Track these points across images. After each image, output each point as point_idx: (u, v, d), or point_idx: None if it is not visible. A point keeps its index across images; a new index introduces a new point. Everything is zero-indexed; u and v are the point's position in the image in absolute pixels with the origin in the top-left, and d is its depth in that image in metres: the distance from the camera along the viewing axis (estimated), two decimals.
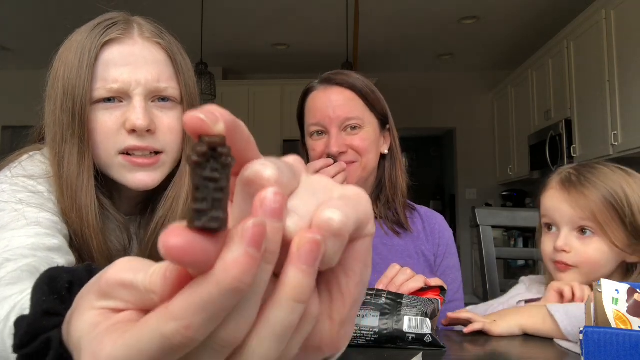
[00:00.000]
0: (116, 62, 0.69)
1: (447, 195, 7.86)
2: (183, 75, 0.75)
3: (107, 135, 0.69)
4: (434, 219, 1.14)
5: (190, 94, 0.75)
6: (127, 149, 0.70)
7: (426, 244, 1.09)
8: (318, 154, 1.03)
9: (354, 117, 1.01)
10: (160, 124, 0.71)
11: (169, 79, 0.73)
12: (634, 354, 0.57)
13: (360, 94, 1.03)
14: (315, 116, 1.03)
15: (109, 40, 0.71)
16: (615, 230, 0.86)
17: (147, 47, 0.73)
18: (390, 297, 0.76)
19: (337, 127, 1.01)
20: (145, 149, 0.70)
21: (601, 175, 0.89)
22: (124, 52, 0.71)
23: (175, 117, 0.72)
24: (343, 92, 1.03)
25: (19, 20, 4.43)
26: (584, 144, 3.73)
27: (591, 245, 0.87)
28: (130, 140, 0.69)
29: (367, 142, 1.02)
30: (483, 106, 5.97)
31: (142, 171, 0.71)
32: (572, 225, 0.89)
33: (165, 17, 0.89)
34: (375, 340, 0.72)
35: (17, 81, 5.79)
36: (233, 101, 5.51)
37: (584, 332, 0.58)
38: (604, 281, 0.65)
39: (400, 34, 4.80)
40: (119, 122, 0.69)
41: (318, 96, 1.04)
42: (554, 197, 0.92)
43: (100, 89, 0.69)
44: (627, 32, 3.14)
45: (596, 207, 0.86)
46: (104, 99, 0.69)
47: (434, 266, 1.09)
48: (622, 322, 0.62)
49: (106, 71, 0.69)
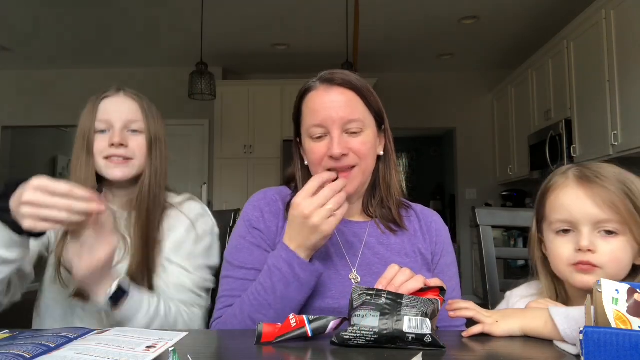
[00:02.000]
0: (107, 109, 1.16)
1: (447, 195, 7.86)
2: (148, 116, 1.19)
3: (101, 150, 1.15)
4: (430, 217, 1.13)
5: (153, 127, 1.20)
6: (109, 156, 1.14)
7: (423, 242, 1.08)
8: (319, 157, 1.00)
9: (356, 119, 0.99)
10: (131, 142, 1.16)
11: (139, 121, 1.18)
12: (634, 354, 0.57)
13: (361, 94, 1.02)
14: (316, 117, 1.00)
15: (105, 96, 1.19)
16: (637, 227, 0.83)
17: (127, 100, 1.19)
18: (390, 297, 0.76)
19: (339, 129, 0.99)
20: (119, 156, 1.14)
21: (610, 172, 0.87)
22: (112, 102, 1.18)
23: (141, 139, 1.17)
24: (345, 92, 1.01)
25: (19, 20, 4.43)
26: (584, 144, 3.73)
27: (615, 244, 0.84)
28: (112, 150, 1.14)
29: (368, 146, 1.01)
30: (483, 106, 5.97)
31: (118, 168, 1.14)
32: (595, 224, 0.85)
33: (165, 17, 0.89)
34: (375, 341, 0.72)
35: (17, 81, 5.80)
36: (233, 101, 5.51)
37: (584, 332, 0.58)
38: (604, 281, 0.65)
39: (400, 34, 4.80)
40: (107, 143, 1.15)
41: (319, 96, 1.01)
42: (572, 194, 0.87)
43: (99, 124, 1.16)
44: (627, 32, 3.14)
45: (620, 202, 0.83)
46: (101, 130, 1.16)
47: (431, 264, 1.08)
48: (622, 322, 0.62)
49: (102, 114, 1.16)
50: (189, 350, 0.70)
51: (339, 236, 1.05)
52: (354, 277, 1.01)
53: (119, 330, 0.84)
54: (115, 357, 0.67)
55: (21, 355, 0.67)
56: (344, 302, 0.97)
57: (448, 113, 6.00)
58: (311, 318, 0.76)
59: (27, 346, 0.70)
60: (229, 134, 5.50)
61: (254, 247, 1.03)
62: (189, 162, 5.77)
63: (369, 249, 1.05)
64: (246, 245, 1.03)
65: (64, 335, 0.78)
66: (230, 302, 1.00)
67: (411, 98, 5.95)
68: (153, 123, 1.20)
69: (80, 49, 5.16)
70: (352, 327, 0.74)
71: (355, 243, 1.05)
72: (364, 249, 1.05)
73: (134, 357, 0.68)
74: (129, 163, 1.15)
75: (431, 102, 5.97)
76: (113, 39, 4.94)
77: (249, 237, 1.04)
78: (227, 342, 0.84)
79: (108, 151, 1.13)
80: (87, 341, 0.75)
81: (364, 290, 0.78)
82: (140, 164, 1.16)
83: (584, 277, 0.85)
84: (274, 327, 0.76)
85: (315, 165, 1.02)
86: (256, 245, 1.03)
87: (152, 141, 1.17)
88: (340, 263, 1.02)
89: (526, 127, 4.83)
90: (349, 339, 0.73)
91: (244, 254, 1.03)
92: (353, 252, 1.04)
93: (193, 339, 0.81)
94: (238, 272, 1.02)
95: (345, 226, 1.06)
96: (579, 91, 3.80)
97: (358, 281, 1.01)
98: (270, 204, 1.07)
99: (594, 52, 3.52)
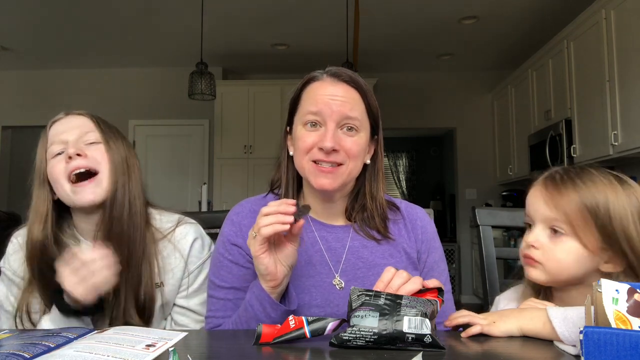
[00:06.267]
0: (58, 130, 1.09)
1: (447, 195, 7.86)
2: (104, 130, 1.10)
3: (62, 172, 1.04)
4: (415, 214, 1.11)
5: (109, 136, 1.10)
6: (70, 172, 1.03)
7: (407, 240, 1.07)
8: (309, 145, 0.97)
9: (354, 117, 0.98)
10: (89, 152, 1.06)
11: (93, 132, 1.09)
12: (634, 354, 0.57)
13: (364, 96, 1.01)
14: (315, 104, 0.98)
15: (54, 121, 1.12)
16: (588, 233, 0.84)
17: (77, 117, 1.11)
18: (389, 298, 0.76)
19: (335, 122, 0.97)
20: (80, 167, 1.04)
21: (587, 179, 0.87)
22: (63, 123, 1.10)
23: (99, 148, 1.08)
24: (349, 90, 1.00)
25: (19, 20, 4.43)
26: (584, 144, 3.73)
27: (560, 245, 0.87)
28: (72, 164, 1.03)
29: (359, 147, 0.99)
30: (483, 106, 5.97)
31: (86, 191, 1.03)
32: (545, 223, 0.89)
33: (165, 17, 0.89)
34: (374, 341, 0.72)
35: (17, 81, 5.79)
36: (233, 101, 5.51)
37: (584, 332, 0.58)
38: (604, 281, 0.65)
39: (400, 34, 4.79)
40: (65, 160, 1.05)
41: (323, 86, 1.00)
42: (533, 193, 0.93)
43: (53, 147, 1.07)
44: (627, 32, 3.14)
45: (569, 207, 0.85)
46: (57, 153, 1.06)
47: (417, 262, 1.07)
48: (622, 322, 0.62)
49: (54, 137, 1.08)
50: (188, 350, 0.71)
51: (321, 242, 1.03)
52: (337, 282, 1.00)
53: (118, 328, 0.84)
54: (115, 354, 0.67)
55: (21, 355, 0.67)
56: (330, 310, 0.97)
57: (448, 113, 5.99)
58: (310, 319, 0.76)
59: (27, 346, 0.70)
60: (229, 134, 5.50)
61: (232, 265, 1.01)
62: (189, 162, 5.78)
63: (352, 254, 1.03)
64: (225, 262, 1.02)
65: (64, 335, 0.78)
66: (216, 322, 1.00)
67: (411, 98, 5.94)
68: (111, 135, 1.10)
69: (81, 49, 5.16)
70: (351, 328, 0.73)
71: (338, 248, 1.03)
72: (347, 254, 1.03)
73: (133, 355, 0.68)
74: (95, 180, 1.04)
75: (431, 102, 5.97)
76: (113, 39, 4.93)
77: (226, 254, 1.02)
78: (226, 342, 0.84)
79: (68, 168, 1.03)
80: (87, 340, 0.75)
81: (362, 291, 0.77)
82: (106, 176, 1.05)
83: (529, 269, 0.91)
84: (273, 328, 0.76)
85: (302, 154, 0.99)
86: (234, 263, 1.01)
87: (114, 154, 1.08)
88: (324, 270, 1.01)
89: (526, 127, 4.83)
90: (348, 339, 0.73)
91: (224, 272, 1.01)
92: (336, 258, 1.03)
93: (193, 339, 0.81)
94: (219, 292, 1.01)
95: (328, 232, 1.05)
96: (579, 91, 3.80)
97: (342, 286, 0.99)
98: (248, 217, 1.04)
99: (594, 52, 3.52)
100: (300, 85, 1.04)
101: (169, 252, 1.11)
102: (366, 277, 1.01)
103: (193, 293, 1.13)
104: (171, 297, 1.12)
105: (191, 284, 1.13)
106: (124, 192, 1.06)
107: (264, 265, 0.87)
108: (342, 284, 1.00)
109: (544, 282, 0.90)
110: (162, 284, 1.09)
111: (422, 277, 1.04)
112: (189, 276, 1.12)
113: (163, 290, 1.10)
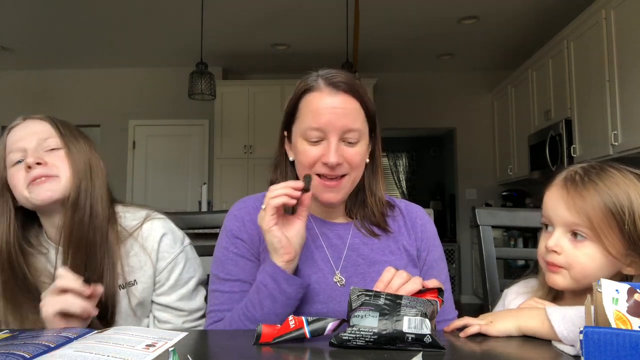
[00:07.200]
0: (16, 137, 1.07)
1: (447, 195, 7.87)
2: (63, 134, 1.09)
3: (21, 180, 1.04)
4: (414, 213, 1.12)
5: (69, 140, 1.09)
6: (30, 181, 1.03)
7: (407, 238, 1.08)
8: (312, 160, 0.98)
9: (355, 129, 0.98)
10: (49, 159, 1.05)
11: (53, 137, 1.09)
12: (634, 354, 0.57)
13: (362, 103, 1.01)
14: (317, 120, 0.97)
15: (11, 127, 1.11)
16: (611, 238, 0.82)
17: (35, 122, 1.11)
18: (389, 298, 0.76)
19: (337, 136, 0.97)
20: (40, 176, 1.03)
21: (608, 178, 0.84)
22: (20, 129, 1.09)
23: (60, 154, 1.07)
24: (349, 100, 0.99)
25: (19, 20, 4.43)
26: (584, 144, 3.73)
27: (582, 250, 0.84)
28: (32, 173, 1.03)
29: (361, 157, 1.01)
30: (483, 106, 5.97)
31: (42, 188, 1.03)
32: (566, 226, 0.86)
33: (165, 17, 0.89)
34: (374, 341, 0.72)
35: (17, 81, 5.79)
36: (233, 101, 5.51)
37: (584, 332, 0.58)
38: (604, 281, 0.65)
39: (400, 34, 4.80)
40: (24, 170, 1.05)
41: (322, 99, 0.98)
42: (553, 195, 0.89)
43: (12, 155, 1.06)
44: (627, 32, 3.14)
45: (593, 211, 0.82)
46: (17, 162, 1.06)
47: (417, 261, 1.07)
48: (622, 322, 0.62)
49: (12, 145, 1.07)
50: (188, 350, 0.71)
51: (322, 240, 1.04)
52: (338, 279, 1.01)
53: (118, 328, 0.84)
54: (115, 354, 0.67)
55: (21, 355, 0.67)
56: (332, 306, 0.97)
57: (448, 113, 6.00)
58: (310, 319, 0.76)
59: (27, 346, 0.70)
60: (229, 134, 5.50)
61: (238, 258, 1.02)
62: (189, 162, 5.78)
63: (353, 250, 1.04)
64: (230, 256, 1.02)
65: (64, 335, 0.78)
66: (220, 316, 0.99)
67: (411, 98, 5.94)
68: (72, 138, 1.10)
69: (81, 49, 5.16)
70: (351, 328, 0.73)
71: (339, 245, 1.05)
72: (348, 251, 1.04)
73: (133, 355, 0.68)
74: (53, 180, 1.04)
75: (431, 102, 5.97)
76: (113, 39, 4.94)
77: (231, 247, 1.02)
78: (226, 342, 0.84)
79: (28, 177, 1.03)
80: (87, 340, 0.75)
81: (362, 291, 0.77)
82: (67, 179, 1.05)
83: (552, 276, 0.88)
84: (272, 327, 0.76)
85: (305, 167, 1.00)
86: (240, 255, 1.02)
87: (75, 159, 1.07)
88: (326, 267, 1.02)
89: (526, 127, 4.83)
90: (348, 339, 0.72)
91: (229, 265, 1.01)
92: (337, 255, 1.04)
93: (193, 339, 0.81)
94: (224, 285, 1.01)
95: (329, 229, 1.06)
96: (579, 91, 3.80)
97: (343, 283, 1.00)
98: (251, 213, 1.04)
99: (594, 52, 3.52)
100: (297, 95, 1.02)
101: (136, 250, 1.09)
102: (366, 273, 1.02)
103: (170, 289, 1.12)
104: (147, 294, 1.10)
105: (166, 280, 1.12)
106: (86, 196, 1.06)
107: (277, 238, 0.90)
108: (342, 281, 1.00)
109: (568, 288, 0.87)
110: (136, 282, 1.09)
111: (422, 275, 1.04)
112: (162, 272, 1.11)
113: (137, 289, 1.09)
